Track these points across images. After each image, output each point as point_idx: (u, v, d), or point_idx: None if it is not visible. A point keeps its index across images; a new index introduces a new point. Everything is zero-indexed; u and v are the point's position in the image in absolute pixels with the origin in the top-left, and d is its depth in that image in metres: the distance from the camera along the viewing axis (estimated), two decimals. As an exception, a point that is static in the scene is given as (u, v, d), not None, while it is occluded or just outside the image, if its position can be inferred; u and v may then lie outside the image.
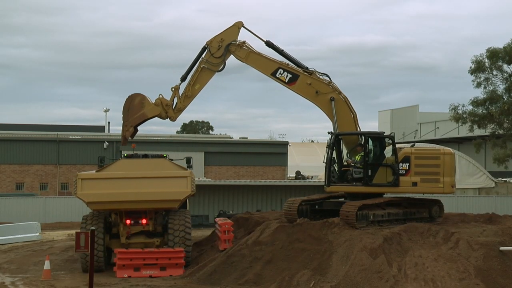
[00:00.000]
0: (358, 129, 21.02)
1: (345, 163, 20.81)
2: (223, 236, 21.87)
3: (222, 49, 20.70)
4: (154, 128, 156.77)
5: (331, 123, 21.32)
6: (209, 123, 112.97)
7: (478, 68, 41.06)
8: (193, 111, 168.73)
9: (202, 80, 20.76)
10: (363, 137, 20.61)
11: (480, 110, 41.67)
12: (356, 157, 20.66)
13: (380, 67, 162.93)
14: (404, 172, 20.53)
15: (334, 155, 20.52)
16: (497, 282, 16.77)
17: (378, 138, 20.77)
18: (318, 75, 20.85)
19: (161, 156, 24.06)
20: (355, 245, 17.89)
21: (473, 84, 41.54)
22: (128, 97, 21.52)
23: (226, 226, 21.96)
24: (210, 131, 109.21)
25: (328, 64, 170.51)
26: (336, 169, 20.68)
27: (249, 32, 21.17)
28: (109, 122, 74.43)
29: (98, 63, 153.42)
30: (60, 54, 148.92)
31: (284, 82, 20.60)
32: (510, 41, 40.51)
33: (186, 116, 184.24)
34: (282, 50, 20.95)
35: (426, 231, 19.09)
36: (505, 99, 40.77)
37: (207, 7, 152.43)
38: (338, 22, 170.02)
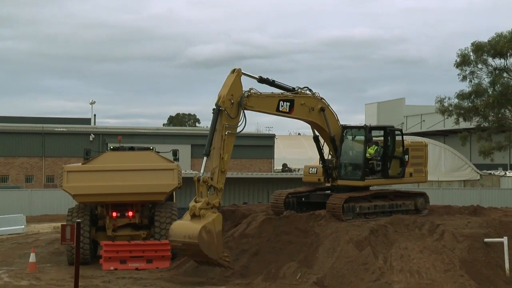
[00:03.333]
0: (341, 127, 20.88)
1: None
2: (209, 229, 21.81)
3: (236, 107, 17.67)
4: (141, 120, 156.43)
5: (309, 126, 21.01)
6: (196, 116, 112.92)
7: (463, 61, 41.28)
8: (180, 104, 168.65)
9: (229, 148, 17.66)
10: (384, 131, 20.99)
11: (466, 103, 41.92)
12: (370, 150, 20.72)
13: (368, 60, 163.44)
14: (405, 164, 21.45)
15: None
16: (482, 273, 16.91)
17: (392, 132, 21.31)
18: (302, 91, 19.76)
19: (148, 149, 23.99)
20: (342, 237, 17.96)
21: (458, 78, 41.81)
22: (196, 241, 16.39)
23: (213, 218, 21.90)
24: (197, 124, 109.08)
25: (316, 57, 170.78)
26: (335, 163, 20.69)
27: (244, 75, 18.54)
28: (95, 115, 73.84)
29: (85, 55, 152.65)
30: (47, 46, 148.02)
31: (287, 113, 19.06)
32: (494, 35, 40.76)
33: (173, 109, 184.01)
34: (273, 80, 19.37)
35: (412, 223, 19.19)
36: (490, 92, 41.03)
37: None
38: (326, 15, 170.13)
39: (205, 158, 17.41)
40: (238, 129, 17.84)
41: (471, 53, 41.25)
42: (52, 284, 17.51)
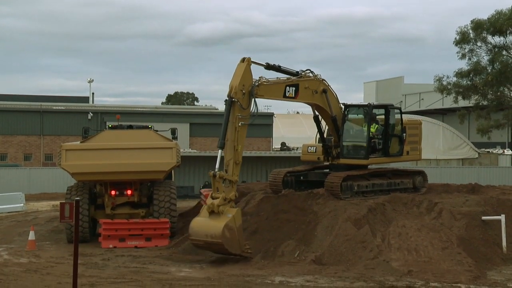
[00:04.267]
0: (341, 107, 20.85)
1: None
2: (208, 207, 21.85)
3: (247, 97, 17.46)
4: (139, 99, 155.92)
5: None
6: (194, 95, 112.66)
7: (462, 39, 41.12)
8: (179, 82, 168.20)
9: (242, 138, 17.49)
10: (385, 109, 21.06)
11: (465, 82, 41.85)
12: (371, 128, 20.74)
13: (368, 38, 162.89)
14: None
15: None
16: (479, 251, 17.01)
17: (392, 110, 21.34)
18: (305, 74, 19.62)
19: (146, 127, 23.96)
20: (340, 215, 18.02)
21: (457, 56, 41.67)
22: (220, 241, 16.66)
23: (212, 197, 21.93)
24: (196, 103, 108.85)
25: (316, 35, 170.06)
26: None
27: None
28: (93, 93, 73.57)
29: (84, 33, 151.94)
30: (45, 24, 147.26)
31: (293, 98, 19.07)
32: (494, 13, 40.55)
33: (171, 88, 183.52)
34: (279, 66, 19.13)
35: (410, 202, 19.26)
36: (489, 70, 40.91)
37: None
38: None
39: (220, 151, 17.30)
40: (250, 118, 17.66)
41: (471, 31, 41.09)
42: (52, 261, 17.58)
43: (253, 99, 17.58)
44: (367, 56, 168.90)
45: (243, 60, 17.58)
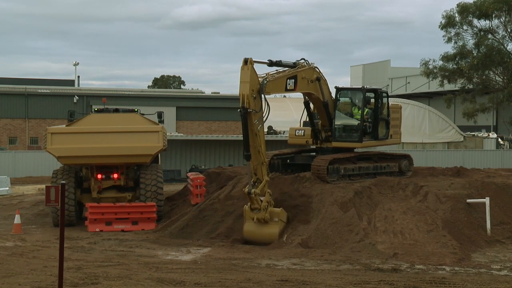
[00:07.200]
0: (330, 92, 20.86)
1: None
2: (195, 191, 21.93)
3: (258, 98, 17.04)
4: (126, 82, 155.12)
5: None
6: (181, 78, 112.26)
7: (448, 23, 41.11)
8: (165, 66, 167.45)
9: (263, 138, 17.66)
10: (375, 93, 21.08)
11: (450, 65, 41.93)
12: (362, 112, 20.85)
13: (356, 22, 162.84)
14: None
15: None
16: (464, 233, 17.15)
17: (381, 94, 21.35)
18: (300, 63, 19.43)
19: (132, 111, 23.85)
20: (326, 199, 18.09)
21: (443, 40, 41.72)
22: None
23: (198, 180, 22.00)
24: (182, 86, 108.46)
25: (303, 18, 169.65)
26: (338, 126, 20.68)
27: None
28: (79, 76, 73.22)
29: (70, 15, 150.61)
30: (31, 6, 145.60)
31: (292, 90, 18.82)
32: (480, -4, 40.51)
33: (158, 71, 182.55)
34: (281, 61, 18.65)
35: (396, 185, 19.37)
36: (475, 54, 41.00)
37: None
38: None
39: (248, 163, 17.28)
40: (262, 112, 17.44)
41: (456, 15, 41.09)
42: (38, 245, 17.53)
43: (263, 97, 17.21)
44: (354, 40, 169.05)
45: (245, 62, 16.79)
